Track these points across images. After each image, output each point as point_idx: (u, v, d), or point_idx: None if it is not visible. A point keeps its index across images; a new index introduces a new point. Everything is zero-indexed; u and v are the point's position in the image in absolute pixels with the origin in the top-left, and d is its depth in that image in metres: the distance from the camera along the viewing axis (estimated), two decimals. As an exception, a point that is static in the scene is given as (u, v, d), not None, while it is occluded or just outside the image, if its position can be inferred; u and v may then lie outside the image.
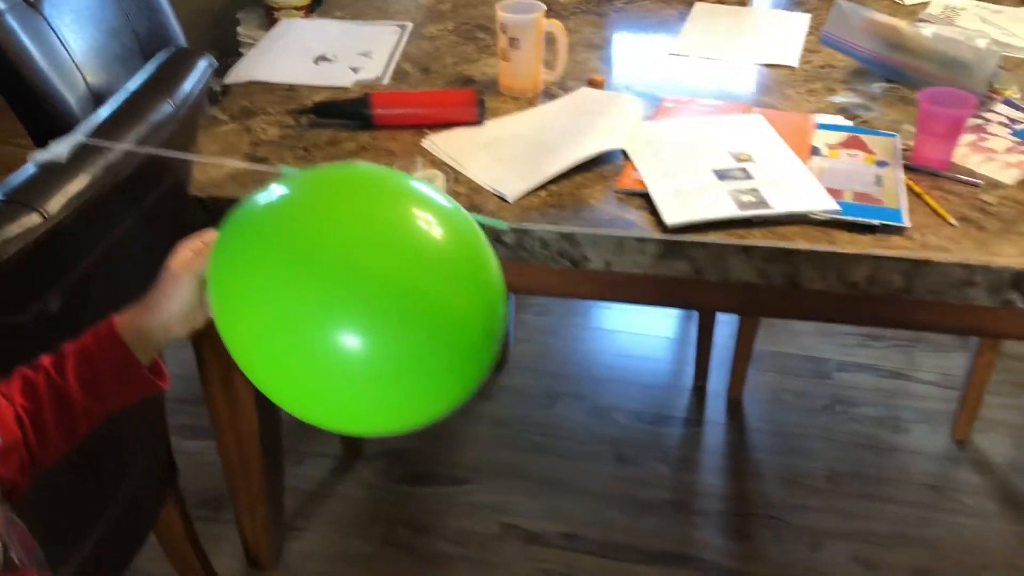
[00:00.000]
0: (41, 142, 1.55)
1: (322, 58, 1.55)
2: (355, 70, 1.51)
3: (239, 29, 2.89)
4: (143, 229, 0.97)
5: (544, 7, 1.40)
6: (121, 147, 0.82)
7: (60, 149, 0.78)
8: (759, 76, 1.50)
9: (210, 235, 0.78)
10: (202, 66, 1.00)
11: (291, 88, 1.47)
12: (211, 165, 1.22)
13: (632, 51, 1.60)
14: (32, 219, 0.74)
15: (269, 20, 2.87)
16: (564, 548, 1.70)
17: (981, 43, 1.34)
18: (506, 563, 1.67)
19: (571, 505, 1.77)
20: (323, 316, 0.64)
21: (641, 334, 2.21)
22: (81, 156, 0.80)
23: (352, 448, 1.87)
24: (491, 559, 1.68)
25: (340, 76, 1.49)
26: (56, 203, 0.76)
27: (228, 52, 2.81)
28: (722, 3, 1.77)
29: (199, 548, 1.45)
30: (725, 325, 2.08)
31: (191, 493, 1.53)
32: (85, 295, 0.86)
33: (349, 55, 1.56)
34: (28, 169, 0.79)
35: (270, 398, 0.70)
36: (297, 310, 0.64)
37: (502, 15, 1.38)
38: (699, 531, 1.72)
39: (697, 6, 1.75)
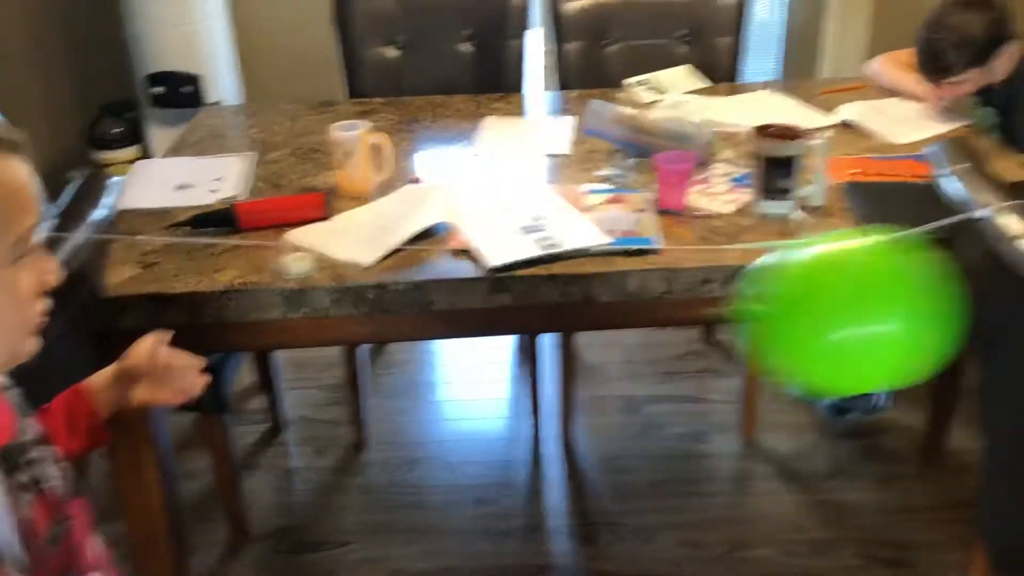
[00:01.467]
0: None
1: (182, 186, 1.84)
2: (214, 191, 1.80)
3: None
4: (70, 331, 1.20)
5: (369, 124, 1.76)
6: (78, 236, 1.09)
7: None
8: (542, 163, 1.92)
9: (160, 336, 1.10)
10: (113, 185, 1.27)
11: (162, 211, 1.74)
12: (112, 272, 1.47)
13: (442, 155, 1.99)
14: None
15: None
16: (443, 581, 1.95)
17: (696, 120, 1.82)
18: (395, 601, 1.90)
19: (444, 545, 2.03)
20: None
21: (484, 399, 2.54)
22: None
23: (239, 531, 2.05)
24: (382, 600, 1.91)
25: (203, 197, 1.78)
26: None
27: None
28: (507, 115, 2.21)
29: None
30: (552, 381, 2.44)
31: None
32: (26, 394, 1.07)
33: (206, 181, 1.85)
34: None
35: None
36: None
37: (336, 133, 1.73)
38: (554, 544, 2.02)
39: (487, 118, 2.18)
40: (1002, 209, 1.06)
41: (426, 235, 1.60)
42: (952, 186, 1.17)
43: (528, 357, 2.33)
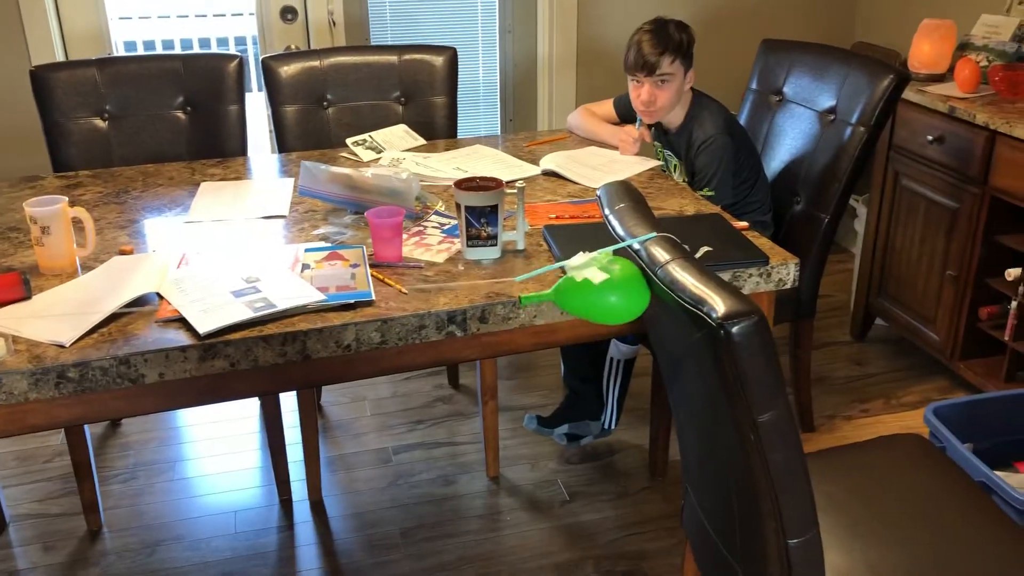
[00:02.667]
0: None
1: None
2: None
3: None
4: None
5: (65, 199, 1.70)
6: None
7: None
8: (259, 227, 1.93)
9: None
10: None
11: None
12: None
13: (153, 225, 1.94)
14: None
15: None
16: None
17: (404, 175, 1.91)
18: None
19: (189, 627, 1.95)
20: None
21: (229, 471, 2.47)
22: None
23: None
24: None
25: None
26: None
27: None
28: (224, 180, 2.20)
29: None
30: (297, 442, 2.42)
31: None
32: None
33: None
34: None
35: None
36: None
37: (30, 210, 1.66)
38: (306, 608, 2.00)
39: (204, 184, 2.16)
40: (651, 241, 1.20)
41: (134, 306, 1.56)
42: (614, 223, 1.31)
43: (272, 422, 2.30)
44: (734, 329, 1.04)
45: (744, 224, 1.86)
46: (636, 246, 1.23)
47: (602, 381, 2.39)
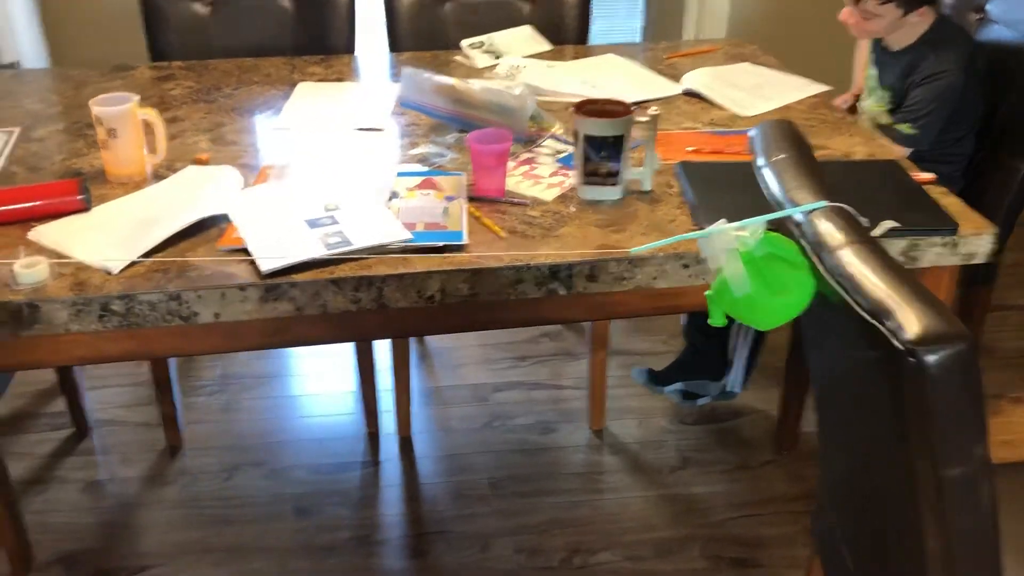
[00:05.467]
0: None
1: (-81, 170, 1.55)
2: (-44, 177, 1.53)
3: None
4: None
5: (137, 97, 1.51)
6: None
7: None
8: (353, 139, 1.70)
9: None
10: None
11: None
12: None
13: (239, 130, 1.74)
14: None
15: None
16: (254, 607, 1.75)
17: (518, 91, 1.63)
18: (196, 635, 1.70)
19: (257, 565, 1.83)
20: None
21: (318, 394, 2.33)
22: None
23: (18, 561, 1.80)
24: (180, 634, 1.70)
25: (-61, 184, 1.50)
26: None
27: None
28: (324, 81, 1.97)
29: None
30: (394, 371, 2.24)
31: None
32: None
33: (-51, 164, 1.57)
34: None
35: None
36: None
37: (96, 109, 1.47)
38: (379, 559, 1.84)
39: (300, 85, 1.94)
40: (820, 212, 0.90)
41: (204, 228, 1.37)
42: (769, 179, 1.01)
43: (362, 347, 2.13)
44: (930, 358, 0.74)
45: (929, 176, 1.51)
46: (799, 217, 0.93)
47: (729, 337, 2.09)
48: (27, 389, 2.31)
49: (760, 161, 1.06)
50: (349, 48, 2.26)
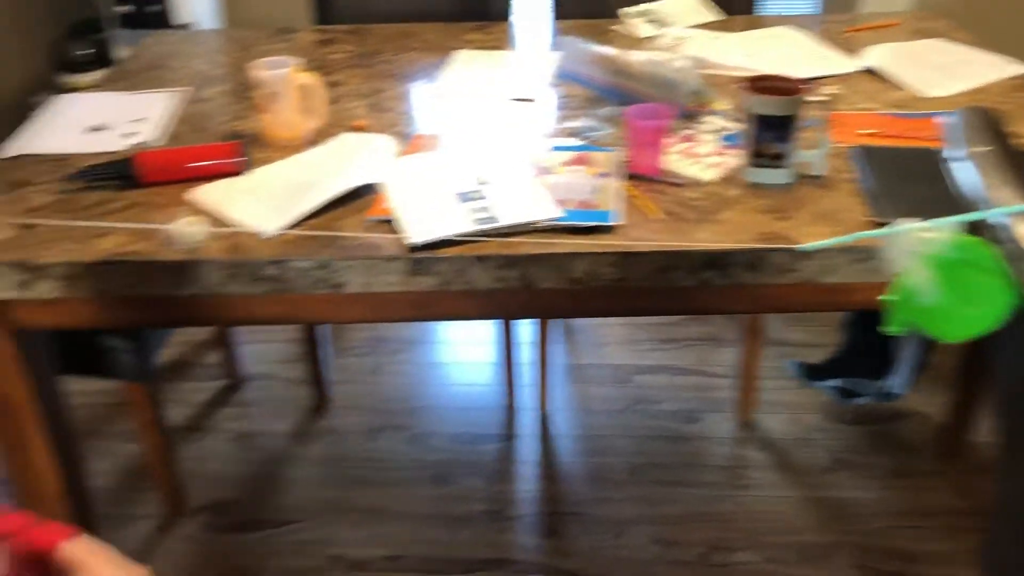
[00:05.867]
0: None
1: (95, 128, 1.62)
2: (129, 136, 1.58)
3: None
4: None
5: (296, 61, 1.52)
6: None
7: None
8: (507, 110, 1.66)
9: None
10: None
11: (63, 158, 1.52)
12: (-24, 234, 1.27)
13: (396, 97, 1.73)
14: None
15: (69, 101, 2.88)
16: (388, 570, 1.77)
17: (681, 64, 1.54)
18: (331, 592, 1.74)
19: (393, 529, 1.85)
20: None
21: (461, 363, 2.33)
22: None
23: (172, 505, 1.89)
24: (316, 591, 1.74)
25: (112, 142, 1.56)
26: None
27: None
28: (482, 49, 1.94)
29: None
30: (537, 346, 2.22)
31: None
32: None
33: (123, 123, 1.63)
34: None
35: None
36: None
37: (256, 72, 1.49)
38: (512, 535, 1.83)
39: (458, 52, 1.91)
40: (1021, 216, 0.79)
41: (354, 197, 1.36)
42: (964, 173, 0.90)
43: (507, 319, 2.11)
44: None
45: None
46: (996, 220, 0.82)
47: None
48: (187, 339, 2.42)
49: (955, 152, 0.94)
50: (507, 14, 2.22)
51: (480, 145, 1.50)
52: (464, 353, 2.37)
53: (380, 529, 1.85)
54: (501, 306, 1.31)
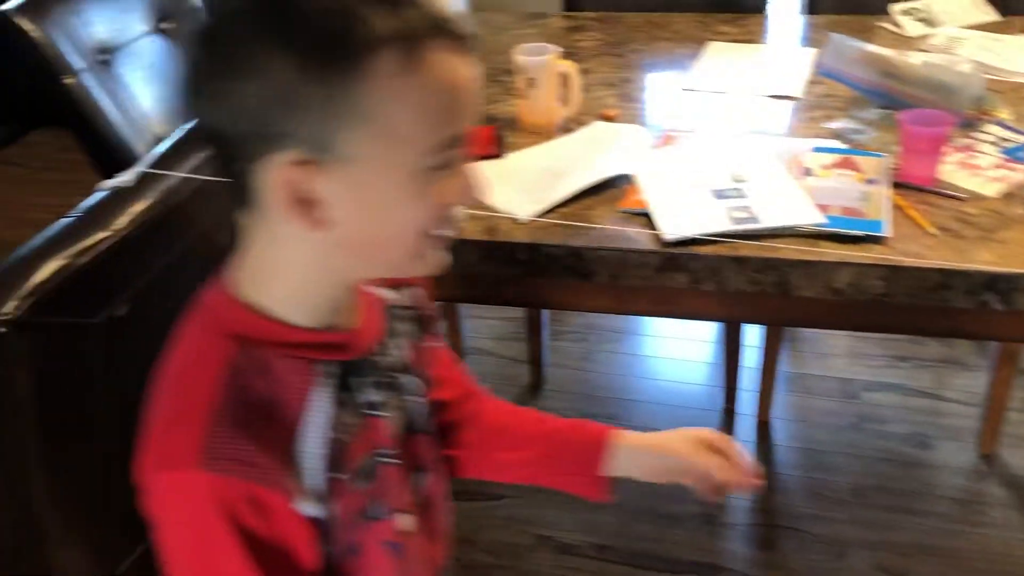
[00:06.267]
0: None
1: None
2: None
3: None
4: (198, 249, 1.12)
5: (558, 50, 1.53)
6: (177, 175, 0.97)
7: (127, 177, 0.93)
8: (763, 106, 1.60)
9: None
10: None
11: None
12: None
13: (646, 87, 1.72)
14: (98, 234, 0.88)
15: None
16: (595, 558, 1.78)
17: (965, 68, 1.43)
18: (539, 572, 1.76)
19: (602, 518, 1.85)
20: None
21: (675, 359, 2.30)
22: (144, 183, 0.95)
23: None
24: (525, 568, 1.77)
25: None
26: (122, 220, 0.90)
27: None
28: (735, 42, 1.89)
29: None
30: (758, 350, 2.15)
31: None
32: (150, 303, 1.00)
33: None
34: (98, 194, 0.93)
35: None
36: None
37: (519, 58, 1.52)
38: (725, 542, 1.79)
39: (711, 44, 1.87)
40: None
41: (606, 187, 1.37)
42: None
43: (732, 323, 2.05)
44: None
45: None
46: None
47: None
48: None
49: None
50: (760, 7, 2.14)
51: (735, 141, 1.46)
52: (676, 349, 2.33)
53: (589, 516, 1.86)
54: (751, 310, 1.27)
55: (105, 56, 1.76)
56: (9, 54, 1.63)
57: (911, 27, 1.86)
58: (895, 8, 1.91)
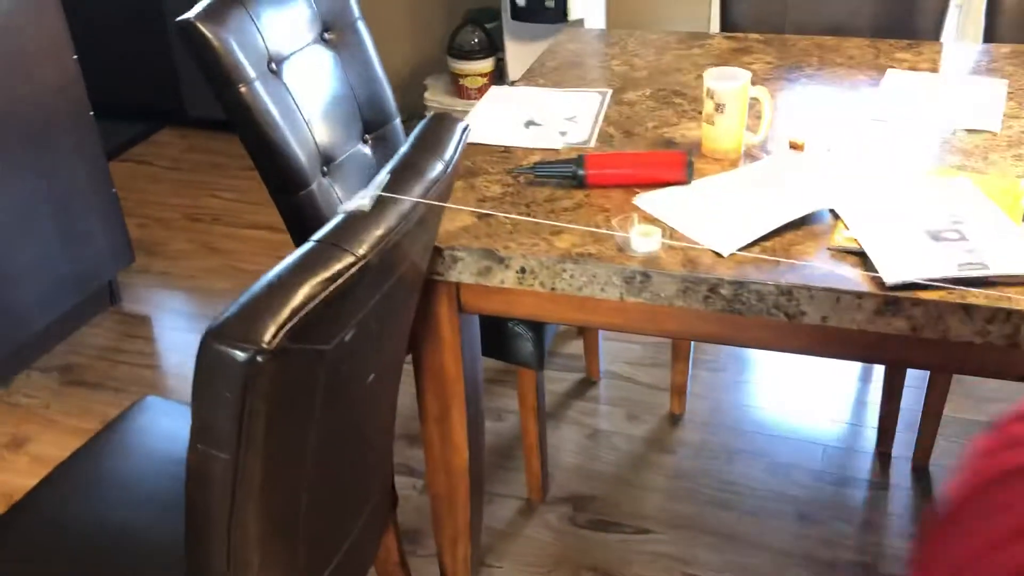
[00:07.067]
0: (275, 189, 1.73)
1: (531, 123, 1.68)
2: (563, 133, 1.62)
3: (426, 94, 3.10)
4: (408, 275, 1.09)
5: (749, 74, 1.47)
6: (409, 200, 0.94)
7: (364, 201, 0.91)
8: (960, 141, 1.52)
9: None
10: (460, 129, 1.12)
11: (506, 150, 1.59)
12: (446, 219, 1.34)
13: (827, 115, 1.65)
14: (346, 259, 0.86)
15: (455, 86, 3.06)
16: (747, 602, 1.71)
17: None
18: (690, 613, 1.70)
19: (754, 561, 1.78)
20: None
21: (820, 394, 2.21)
22: (379, 207, 0.93)
23: (537, 491, 1.94)
24: (675, 607, 1.71)
25: (550, 139, 1.60)
26: (364, 246, 0.88)
27: (415, 115, 3.02)
28: (914, 69, 1.81)
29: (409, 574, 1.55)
30: (909, 389, 2.06)
31: (398, 523, 1.63)
32: (367, 328, 0.97)
33: (556, 120, 1.67)
34: (338, 217, 0.91)
35: None
36: None
37: (710, 83, 1.47)
38: (887, 594, 1.70)
39: (890, 72, 1.79)
40: None
41: (801, 221, 1.31)
42: None
43: (887, 358, 1.96)
44: None
45: None
46: None
47: None
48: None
49: None
50: (936, 33, 2.05)
51: (942, 178, 1.39)
52: (824, 383, 2.24)
53: (739, 558, 1.79)
54: (969, 362, 1.19)
55: (274, 65, 1.77)
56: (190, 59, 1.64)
57: (1110, 60, 1.75)
58: (1091, 39, 1.80)
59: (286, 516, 1.01)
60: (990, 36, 2.03)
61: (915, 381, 2.11)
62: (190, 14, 1.63)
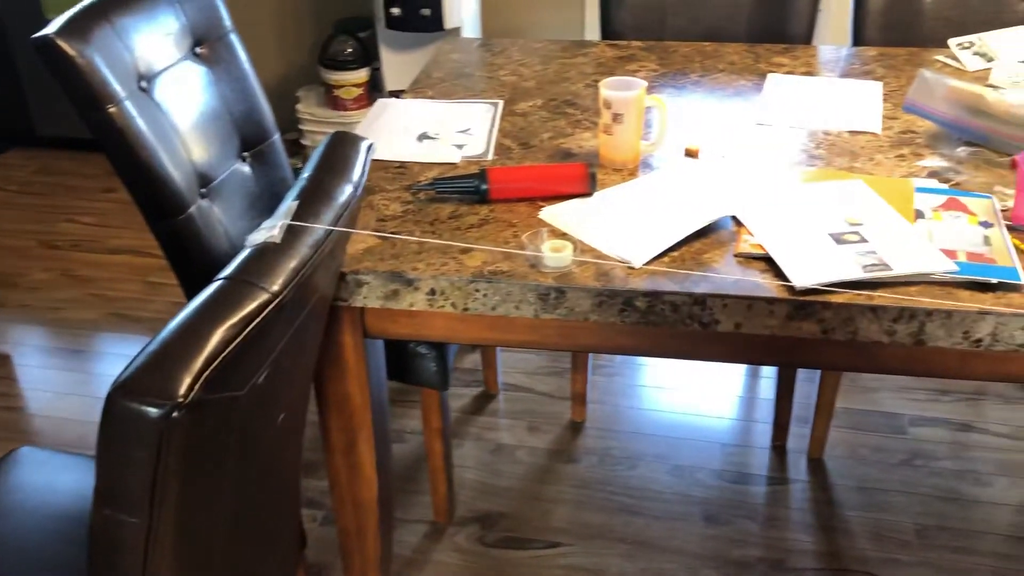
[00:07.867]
0: (151, 215, 1.62)
1: (425, 136, 1.63)
2: (459, 147, 1.58)
3: (299, 106, 3.00)
4: (317, 308, 1.03)
5: (645, 83, 1.47)
6: (321, 227, 0.88)
7: (274, 232, 0.84)
8: (845, 142, 1.57)
9: None
10: (365, 148, 1.06)
11: (402, 165, 1.54)
12: (349, 243, 1.28)
13: (717, 122, 1.67)
14: (260, 297, 0.79)
15: (328, 97, 2.97)
16: (663, 608, 1.72)
17: (1066, 107, 1.41)
18: (608, 625, 1.69)
19: (668, 566, 1.79)
20: None
21: (719, 393, 2.25)
22: (290, 237, 0.86)
23: (444, 513, 1.89)
24: (594, 621, 1.70)
25: (446, 153, 1.56)
26: (278, 281, 0.81)
27: (287, 128, 2.91)
28: (792, 73, 1.86)
29: (320, 615, 1.48)
30: (799, 383, 2.12)
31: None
32: (280, 367, 0.91)
33: (450, 133, 1.63)
34: (247, 251, 0.84)
35: None
36: None
37: (606, 93, 1.46)
38: (797, 588, 1.74)
39: (771, 76, 1.83)
40: None
41: (706, 229, 1.31)
42: None
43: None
44: None
45: None
46: None
47: None
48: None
49: None
50: (808, 37, 2.12)
51: (838, 182, 1.42)
52: (718, 382, 2.28)
53: (654, 564, 1.79)
54: (879, 360, 1.22)
55: (144, 83, 1.65)
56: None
57: (969, 61, 1.85)
58: (953, 42, 1.90)
59: (201, 570, 0.93)
60: (858, 39, 2.11)
61: (805, 375, 2.18)
62: (49, 30, 1.50)
